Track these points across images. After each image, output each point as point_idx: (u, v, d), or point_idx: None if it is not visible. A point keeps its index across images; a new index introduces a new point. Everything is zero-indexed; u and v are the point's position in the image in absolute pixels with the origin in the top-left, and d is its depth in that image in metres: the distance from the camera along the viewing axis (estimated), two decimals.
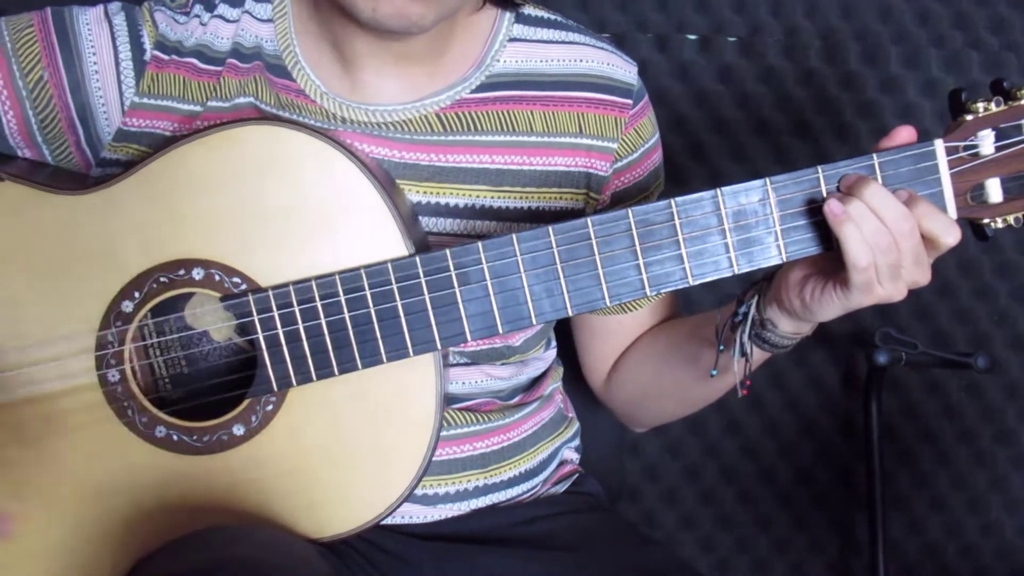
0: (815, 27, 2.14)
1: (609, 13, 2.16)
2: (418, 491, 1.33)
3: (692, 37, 2.17)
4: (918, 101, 2.14)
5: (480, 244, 1.18)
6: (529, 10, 1.37)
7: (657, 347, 1.43)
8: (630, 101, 1.38)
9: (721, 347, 1.27)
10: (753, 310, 1.24)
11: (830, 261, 1.16)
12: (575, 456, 1.54)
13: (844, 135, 2.16)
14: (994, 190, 1.16)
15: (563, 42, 1.37)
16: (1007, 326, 2.19)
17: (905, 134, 1.17)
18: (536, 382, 1.48)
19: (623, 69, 1.39)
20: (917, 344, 2.05)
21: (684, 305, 2.19)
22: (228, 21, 1.31)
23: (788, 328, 1.23)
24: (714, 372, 1.28)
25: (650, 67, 2.17)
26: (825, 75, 2.15)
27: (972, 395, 2.23)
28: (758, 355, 1.26)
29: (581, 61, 1.36)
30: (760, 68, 2.16)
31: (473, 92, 1.33)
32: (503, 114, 1.33)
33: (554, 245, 1.17)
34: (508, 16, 1.36)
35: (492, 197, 1.33)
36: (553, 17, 1.38)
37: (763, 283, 1.24)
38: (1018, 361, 2.20)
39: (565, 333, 1.52)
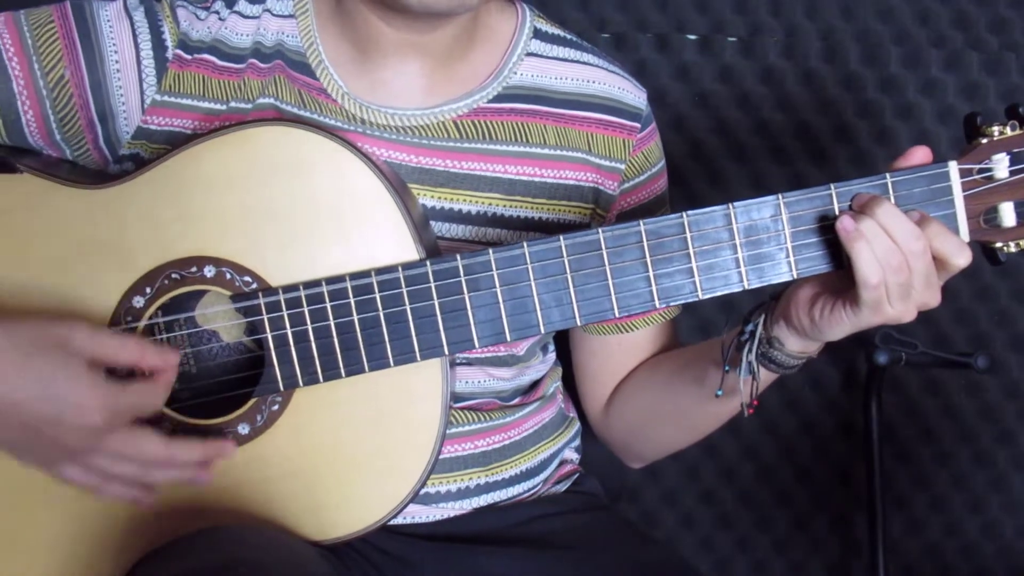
0: (815, 27, 2.15)
1: (609, 13, 2.16)
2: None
3: (692, 37, 2.17)
4: (918, 101, 2.14)
5: (491, 251, 1.18)
6: (547, 27, 1.38)
7: (660, 373, 1.42)
8: (638, 125, 1.40)
9: (727, 367, 1.26)
10: (760, 329, 1.23)
11: (840, 279, 1.15)
12: (575, 456, 1.54)
13: (844, 135, 2.17)
14: (1007, 214, 1.16)
15: (578, 62, 1.38)
16: (1007, 326, 2.20)
17: (920, 155, 1.16)
18: (537, 383, 1.48)
19: (633, 94, 1.41)
20: (917, 344, 2.06)
21: (690, 313, 2.20)
22: (247, 17, 1.30)
23: (795, 347, 1.22)
24: (719, 392, 1.27)
25: (650, 67, 2.17)
26: (825, 75, 2.15)
27: (972, 395, 2.23)
28: (764, 376, 1.25)
29: (593, 82, 1.38)
30: (760, 68, 2.17)
31: (490, 102, 1.34)
32: (517, 125, 1.34)
33: (564, 255, 1.17)
34: (527, 31, 1.37)
35: (504, 206, 1.34)
36: (570, 36, 1.40)
37: (770, 302, 1.24)
38: (1018, 361, 2.20)
39: (562, 336, 1.52)
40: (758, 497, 2.34)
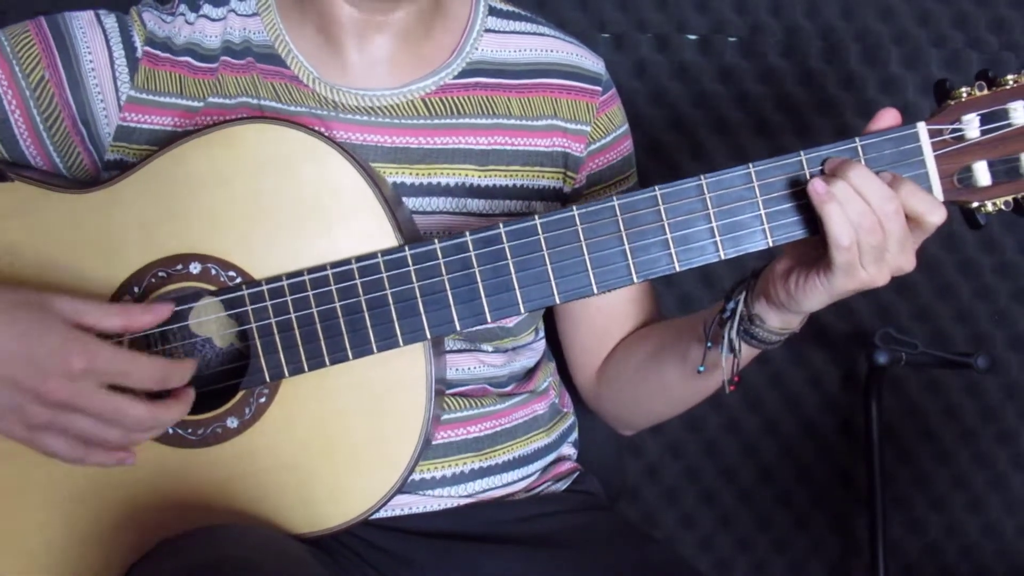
0: (815, 27, 2.15)
1: (609, 13, 2.17)
2: (416, 476, 1.35)
3: (692, 37, 2.18)
4: (918, 101, 2.14)
5: (467, 234, 1.19)
6: (500, 4, 1.43)
7: (644, 348, 1.43)
8: (599, 88, 1.44)
9: (709, 344, 1.28)
10: (741, 306, 1.24)
11: (815, 250, 1.16)
12: (573, 452, 1.54)
13: (844, 135, 2.14)
14: (982, 173, 1.16)
15: (534, 34, 1.43)
16: (1007, 326, 2.19)
17: (889, 117, 1.17)
18: (529, 374, 1.49)
19: (590, 60, 1.45)
20: (917, 344, 2.05)
21: (681, 301, 2.20)
22: (213, 20, 1.35)
23: (776, 323, 1.24)
24: (701, 368, 1.29)
25: (650, 67, 2.18)
26: (825, 75, 2.15)
27: (972, 395, 2.23)
28: (746, 352, 1.27)
29: (551, 51, 1.42)
30: (760, 68, 2.17)
31: (456, 78, 1.37)
32: (484, 99, 1.38)
33: (541, 234, 1.19)
34: (482, 9, 1.41)
35: (479, 176, 1.37)
36: (523, 12, 1.45)
37: (751, 280, 1.25)
38: (1018, 361, 2.20)
39: (555, 329, 1.52)
40: (758, 497, 2.34)
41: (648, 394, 1.44)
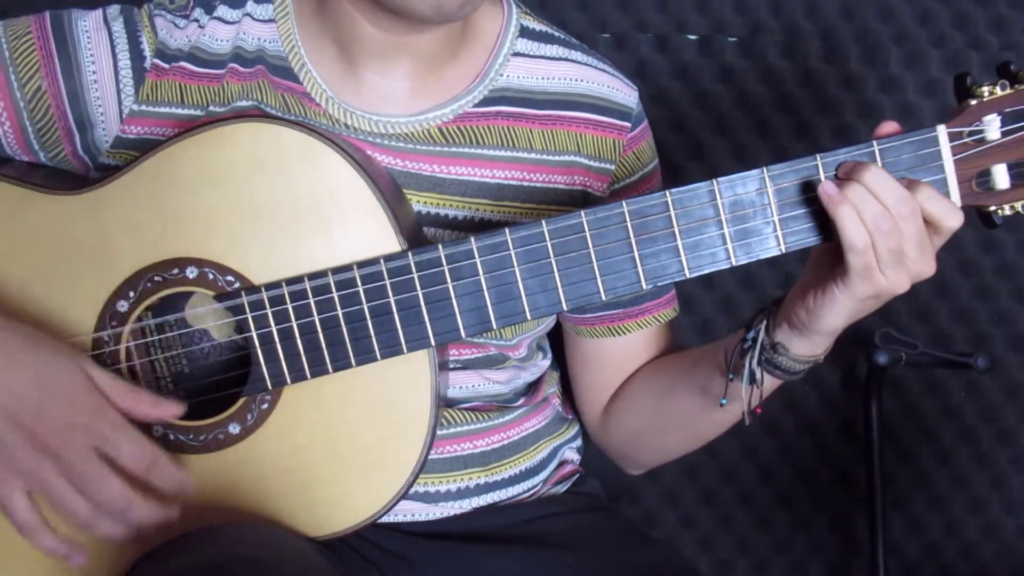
0: (815, 27, 2.14)
1: (609, 13, 2.16)
2: (420, 488, 1.34)
3: (692, 37, 2.17)
4: (918, 101, 2.14)
5: (473, 239, 1.17)
6: (533, 24, 1.36)
7: (660, 379, 1.41)
8: (628, 124, 1.38)
9: (731, 375, 1.24)
10: (763, 335, 1.21)
11: (832, 264, 1.13)
12: (576, 456, 1.53)
13: (844, 135, 2.16)
14: (1001, 176, 1.13)
15: (566, 59, 1.36)
16: (1007, 326, 2.19)
17: (890, 129, 1.14)
18: (532, 387, 1.47)
19: (623, 92, 1.38)
20: (917, 344, 2.05)
21: (681, 302, 2.20)
22: (227, 23, 1.29)
23: (800, 349, 1.20)
24: (724, 400, 1.26)
25: (650, 67, 2.17)
26: (825, 75, 2.15)
27: (972, 395, 2.23)
28: (769, 383, 1.23)
29: (582, 81, 1.36)
30: (760, 68, 2.16)
31: (476, 106, 1.32)
32: (504, 130, 1.33)
33: (548, 239, 1.16)
34: (513, 29, 1.35)
35: (492, 211, 1.33)
36: (558, 33, 1.38)
37: (771, 307, 1.22)
38: (1018, 361, 2.20)
39: (559, 338, 1.51)
40: (758, 497, 2.34)
41: (663, 428, 1.41)
